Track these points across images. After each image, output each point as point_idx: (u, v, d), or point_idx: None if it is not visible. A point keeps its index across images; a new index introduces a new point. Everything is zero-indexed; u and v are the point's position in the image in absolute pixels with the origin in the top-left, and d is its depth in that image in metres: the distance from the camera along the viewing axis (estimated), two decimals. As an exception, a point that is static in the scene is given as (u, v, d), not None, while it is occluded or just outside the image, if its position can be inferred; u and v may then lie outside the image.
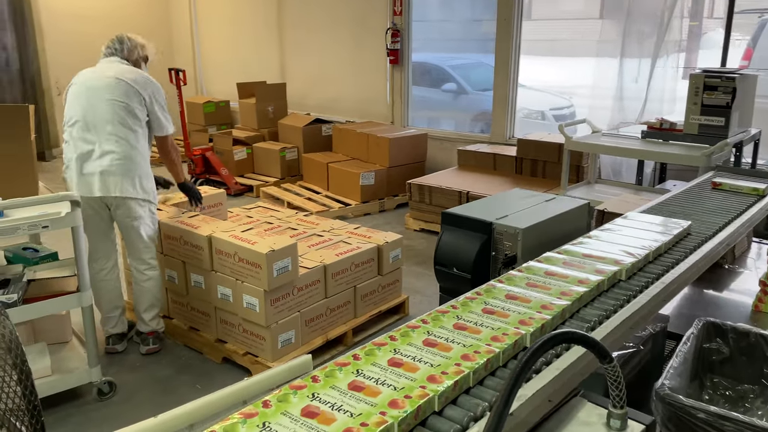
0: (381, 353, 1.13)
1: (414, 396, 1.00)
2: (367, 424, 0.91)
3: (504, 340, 1.19)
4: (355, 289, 3.29)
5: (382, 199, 5.62)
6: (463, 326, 1.24)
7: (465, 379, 1.08)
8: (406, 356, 1.12)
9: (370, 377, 1.05)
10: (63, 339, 3.01)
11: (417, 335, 1.20)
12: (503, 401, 0.86)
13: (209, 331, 3.17)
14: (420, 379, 1.05)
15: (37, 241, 3.24)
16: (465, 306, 1.34)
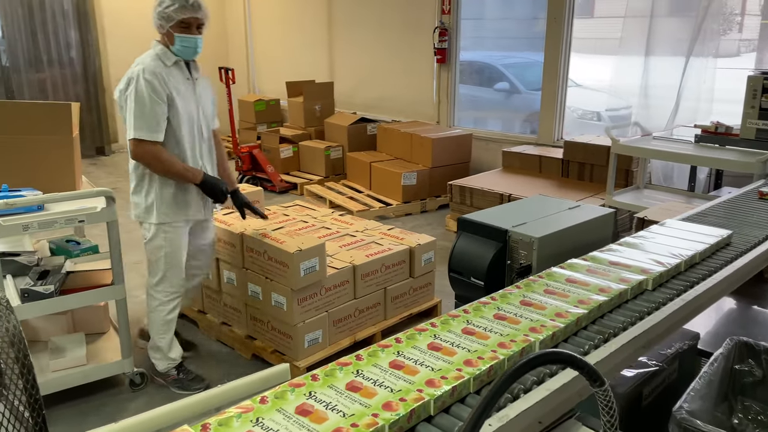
0: (384, 355, 1.11)
1: (409, 399, 0.97)
2: (358, 425, 0.90)
3: (511, 347, 1.14)
4: (386, 291, 3.26)
5: (423, 199, 5.57)
6: (472, 331, 1.20)
7: (464, 385, 1.04)
8: (409, 359, 1.10)
9: (369, 378, 1.03)
10: (101, 330, 3.13)
11: (423, 338, 1.17)
12: (470, 426, 0.82)
13: (240, 327, 3.21)
14: (418, 383, 1.02)
15: (81, 234, 3.37)
16: (477, 311, 1.29)
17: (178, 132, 2.61)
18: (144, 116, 2.49)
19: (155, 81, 2.51)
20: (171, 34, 2.60)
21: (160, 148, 2.55)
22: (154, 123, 2.51)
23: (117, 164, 7.58)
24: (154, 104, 2.49)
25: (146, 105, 2.48)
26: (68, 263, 2.90)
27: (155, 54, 2.60)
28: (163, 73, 2.56)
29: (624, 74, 5.10)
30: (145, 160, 2.58)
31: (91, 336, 3.07)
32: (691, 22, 4.65)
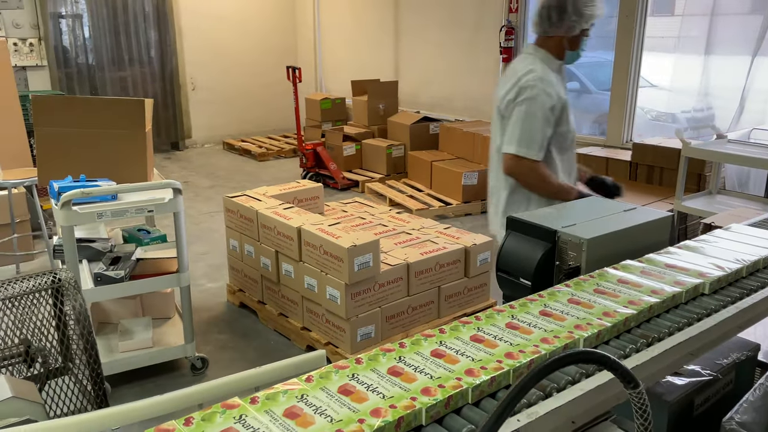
0: (426, 344, 1.14)
1: (448, 386, 0.99)
2: (396, 407, 0.93)
3: (554, 342, 1.14)
4: (439, 290, 3.27)
5: (484, 199, 5.51)
6: (516, 326, 1.20)
7: (503, 376, 1.05)
8: (450, 349, 1.11)
9: (411, 364, 1.06)
10: (166, 315, 3.29)
11: (466, 330, 1.18)
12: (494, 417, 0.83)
13: (296, 318, 3.30)
14: (458, 371, 1.04)
15: (151, 224, 3.56)
16: (523, 307, 1.29)
17: (560, 144, 2.30)
18: (531, 132, 2.20)
19: (552, 94, 2.21)
20: (578, 38, 2.25)
21: (539, 165, 2.24)
22: (540, 140, 2.21)
23: (190, 159, 7.93)
24: (545, 121, 2.20)
25: (537, 120, 2.20)
26: (138, 251, 3.07)
27: (540, 60, 2.27)
28: (554, 82, 2.25)
29: (710, 75, 4.88)
30: (522, 177, 2.27)
31: (158, 321, 3.24)
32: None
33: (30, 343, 1.29)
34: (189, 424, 0.89)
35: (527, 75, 2.23)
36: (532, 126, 2.21)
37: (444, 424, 0.97)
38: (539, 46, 2.31)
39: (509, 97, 2.26)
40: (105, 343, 2.99)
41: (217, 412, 0.91)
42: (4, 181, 3.74)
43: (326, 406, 0.93)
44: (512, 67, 2.34)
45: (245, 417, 0.90)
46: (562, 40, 2.26)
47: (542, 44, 2.31)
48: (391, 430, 0.91)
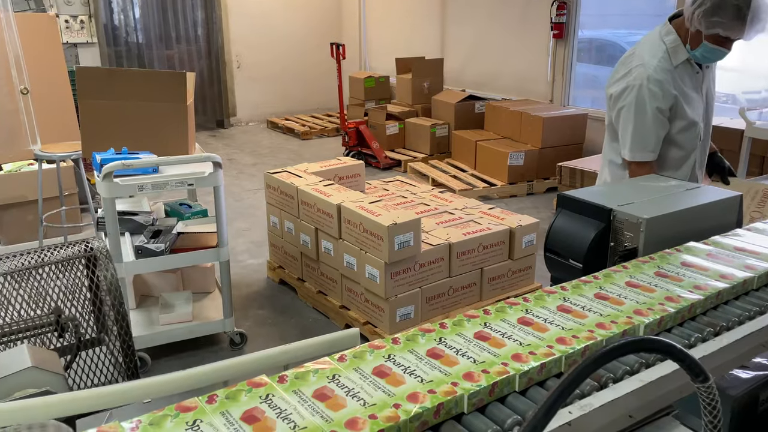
0: (470, 325, 1.06)
1: (492, 372, 0.91)
2: (435, 392, 0.85)
3: (611, 327, 1.04)
4: (482, 272, 3.17)
5: (530, 181, 5.35)
6: (568, 309, 1.11)
7: (555, 363, 0.96)
8: (496, 331, 1.03)
9: (452, 347, 0.98)
10: (207, 289, 3.30)
11: (513, 312, 1.09)
12: (543, 411, 0.74)
13: (335, 296, 3.26)
14: (504, 356, 0.95)
15: (193, 198, 3.56)
16: (576, 289, 1.19)
17: (675, 141, 2.15)
18: (644, 134, 2.07)
19: (660, 91, 2.03)
20: (699, 37, 2.01)
21: (654, 166, 2.14)
22: (654, 141, 2.08)
23: (234, 137, 7.98)
24: (656, 120, 2.06)
25: (647, 120, 2.06)
26: (180, 225, 3.07)
27: (664, 48, 2.07)
28: (669, 75, 2.05)
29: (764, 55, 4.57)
30: None
31: (198, 295, 3.25)
32: None
33: (61, 313, 1.26)
34: (212, 401, 0.83)
35: (636, 69, 2.06)
36: (643, 127, 2.08)
37: (487, 414, 0.88)
38: (675, 28, 2.09)
39: (615, 90, 2.12)
40: (146, 315, 3.01)
41: (242, 390, 0.85)
42: (52, 154, 3.81)
43: (359, 388, 0.86)
44: (633, 49, 2.16)
45: (272, 396, 0.84)
46: (687, 31, 2.04)
47: (678, 26, 2.08)
48: (429, 417, 0.83)
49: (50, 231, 4.21)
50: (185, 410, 0.81)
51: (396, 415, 0.80)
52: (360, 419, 0.79)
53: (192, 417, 0.79)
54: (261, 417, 0.79)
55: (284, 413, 0.80)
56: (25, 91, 4.43)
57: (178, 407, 0.81)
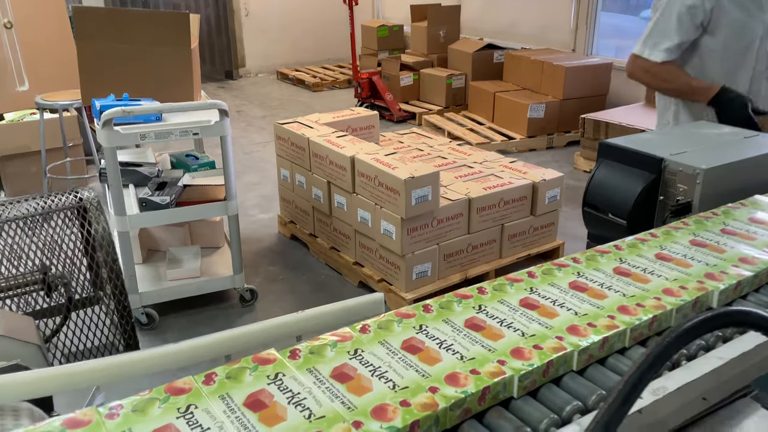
0: (513, 290, 0.91)
1: (546, 348, 0.77)
2: (479, 372, 0.72)
3: (680, 295, 0.88)
4: (503, 228, 3.01)
5: (551, 134, 5.13)
6: (626, 272, 0.95)
7: (618, 336, 0.81)
8: (545, 298, 0.89)
9: (494, 316, 0.85)
10: (216, 244, 3.18)
11: (563, 275, 0.94)
12: (620, 399, 0.59)
13: (348, 253, 3.13)
14: (557, 329, 0.81)
15: (200, 150, 3.41)
16: (633, 248, 1.03)
17: (718, 57, 2.00)
18: (663, 29, 1.97)
19: None
20: None
21: (659, 66, 1.99)
22: (669, 41, 1.96)
23: (243, 88, 7.75)
24: (682, 21, 1.93)
25: (672, 17, 1.95)
26: (186, 177, 2.93)
27: None
28: None
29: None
30: (636, 75, 2.10)
31: (207, 250, 3.13)
32: None
33: (47, 269, 1.12)
34: (210, 382, 0.69)
35: None
36: (664, 24, 1.97)
37: (540, 398, 0.74)
38: None
39: None
40: (153, 271, 2.90)
41: (246, 367, 0.71)
42: (54, 103, 3.65)
43: (386, 366, 0.72)
44: None
45: (282, 376, 0.70)
46: None
47: None
48: (473, 403, 0.69)
49: (55, 183, 4.08)
50: (177, 392, 0.67)
51: (433, 402, 0.65)
52: (389, 407, 0.65)
53: (185, 401, 0.65)
54: (269, 402, 0.65)
55: (297, 398, 0.66)
56: (8, 25, 4.19)
57: (168, 389, 0.67)
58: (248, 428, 0.61)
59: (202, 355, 0.73)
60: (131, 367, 0.70)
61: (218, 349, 0.74)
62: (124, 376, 0.69)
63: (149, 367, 0.71)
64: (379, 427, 0.62)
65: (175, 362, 0.72)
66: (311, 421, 0.62)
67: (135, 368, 0.70)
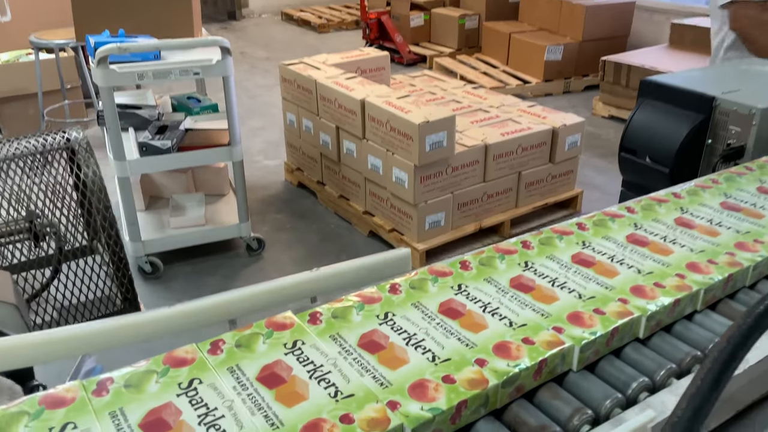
0: (563, 245, 0.80)
1: (608, 312, 0.66)
2: (533, 342, 0.62)
3: (757, 249, 0.77)
4: (520, 176, 2.88)
5: (568, 78, 4.92)
6: (689, 223, 0.83)
7: (690, 299, 0.70)
8: (601, 254, 0.77)
9: (544, 275, 0.73)
10: (220, 192, 3.07)
11: (618, 227, 0.82)
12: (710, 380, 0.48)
13: (358, 202, 3.02)
14: (619, 289, 0.70)
15: (202, 92, 3.25)
16: (693, 196, 0.91)
17: None
18: None
19: None
20: None
21: None
22: None
23: (246, 29, 7.48)
24: None
25: None
26: (188, 120, 2.79)
27: None
28: None
29: None
30: (740, 25, 1.74)
31: (212, 198, 3.02)
32: None
33: (35, 217, 1.01)
34: (216, 351, 0.58)
35: None
36: None
37: (599, 372, 0.64)
38: None
39: None
40: (156, 218, 2.80)
41: (259, 333, 0.61)
42: (49, 42, 3.47)
43: (423, 333, 0.61)
44: None
45: (301, 345, 0.59)
46: None
47: None
48: (527, 379, 0.58)
49: (53, 126, 3.94)
50: (178, 364, 0.56)
51: (482, 378, 0.55)
52: (430, 383, 0.54)
53: (187, 375, 0.55)
54: (287, 376, 0.55)
55: (320, 371, 0.56)
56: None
57: (168, 359, 0.57)
58: (263, 409, 0.51)
59: (202, 319, 0.63)
60: (121, 333, 0.60)
61: (221, 312, 0.63)
62: (112, 344, 0.59)
63: (142, 334, 0.61)
64: (420, 409, 0.51)
65: (172, 327, 0.62)
66: (338, 401, 0.52)
67: (125, 334, 0.60)
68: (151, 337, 0.65)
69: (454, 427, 0.53)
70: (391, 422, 0.49)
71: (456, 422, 0.52)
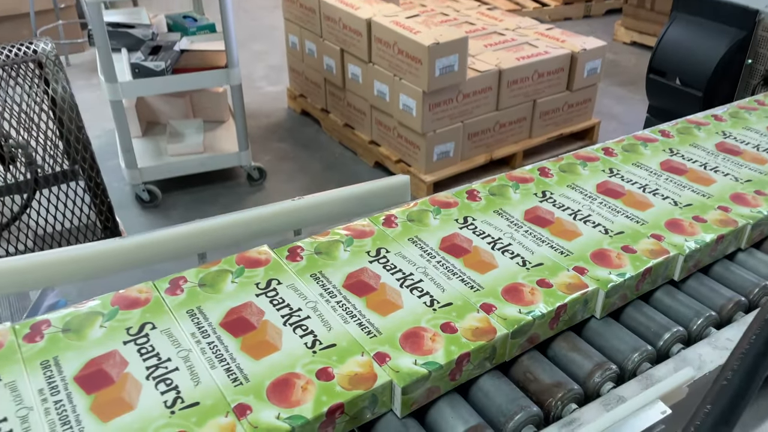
0: (587, 172, 0.70)
1: (639, 251, 0.57)
2: (549, 284, 0.52)
3: None
4: (534, 104, 2.73)
5: (589, 1, 4.65)
6: (733, 149, 0.73)
7: (736, 234, 0.60)
8: (630, 182, 0.68)
9: (564, 206, 0.64)
10: (220, 118, 2.94)
11: (651, 152, 0.71)
12: None
13: (364, 131, 2.89)
14: (652, 223, 0.61)
15: (200, 11, 3.07)
16: (736, 119, 0.80)
17: None
18: None
19: None
20: None
21: None
22: None
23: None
24: None
25: None
26: (184, 41, 2.63)
27: None
28: None
29: None
30: None
31: (211, 124, 2.90)
32: None
33: (2, 138, 0.91)
34: (176, 291, 0.50)
35: None
36: None
37: (625, 320, 0.55)
38: None
39: None
40: (153, 145, 2.70)
41: (228, 271, 0.52)
42: (36, -44, 3.26)
43: (421, 273, 0.53)
44: None
45: (276, 285, 0.51)
46: None
47: None
48: (542, 327, 0.50)
49: (47, 49, 3.78)
50: (129, 305, 0.48)
51: (489, 327, 0.46)
52: (426, 332, 0.46)
53: (138, 318, 0.46)
54: (256, 322, 0.46)
55: (296, 316, 0.47)
56: None
57: (117, 300, 0.48)
58: (225, 361, 0.43)
59: (167, 252, 0.54)
60: (74, 266, 0.51)
61: (189, 244, 0.54)
62: (62, 278, 0.51)
63: (98, 267, 0.52)
64: (414, 363, 0.43)
65: (132, 260, 0.53)
66: (315, 352, 0.44)
67: (77, 268, 0.51)
68: (108, 271, 0.56)
69: (455, 383, 0.44)
70: (377, 379, 0.41)
71: (456, 378, 0.44)
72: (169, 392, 0.41)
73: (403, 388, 0.41)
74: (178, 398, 0.40)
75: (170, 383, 0.41)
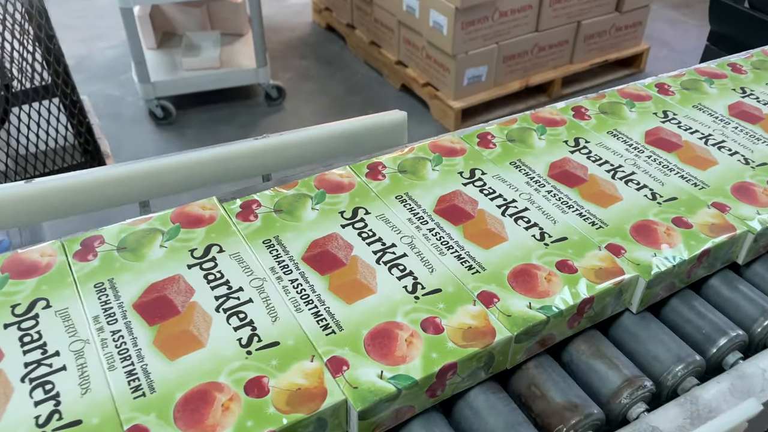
0: (634, 115, 0.55)
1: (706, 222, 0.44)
2: (582, 266, 0.41)
3: None
4: (579, 26, 2.50)
5: None
6: None
7: None
8: (687, 130, 0.53)
9: (599, 158, 0.51)
10: (238, 31, 2.78)
11: (719, 92, 0.57)
12: None
13: (390, 50, 2.70)
14: (714, 186, 0.48)
15: None
16: None
17: None
18: None
19: None
20: None
21: None
22: None
23: None
24: None
25: None
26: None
27: None
28: None
29: None
30: None
31: (229, 37, 2.74)
32: None
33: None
34: (87, 256, 0.39)
35: None
36: None
37: (668, 317, 0.43)
38: None
39: None
40: (168, 57, 2.57)
41: (159, 231, 0.41)
42: None
43: (406, 245, 0.40)
44: None
45: (218, 252, 0.40)
46: None
47: None
48: (559, 325, 0.37)
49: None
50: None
51: (487, 326, 0.35)
52: (403, 330, 0.35)
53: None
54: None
55: (234, 300, 0.36)
56: None
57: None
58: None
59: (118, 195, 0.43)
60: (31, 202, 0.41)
61: (127, 192, 0.43)
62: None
63: (53, 206, 0.42)
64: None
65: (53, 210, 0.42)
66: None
67: (31, 205, 0.41)
68: (68, 212, 0.46)
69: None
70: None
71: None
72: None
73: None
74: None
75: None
